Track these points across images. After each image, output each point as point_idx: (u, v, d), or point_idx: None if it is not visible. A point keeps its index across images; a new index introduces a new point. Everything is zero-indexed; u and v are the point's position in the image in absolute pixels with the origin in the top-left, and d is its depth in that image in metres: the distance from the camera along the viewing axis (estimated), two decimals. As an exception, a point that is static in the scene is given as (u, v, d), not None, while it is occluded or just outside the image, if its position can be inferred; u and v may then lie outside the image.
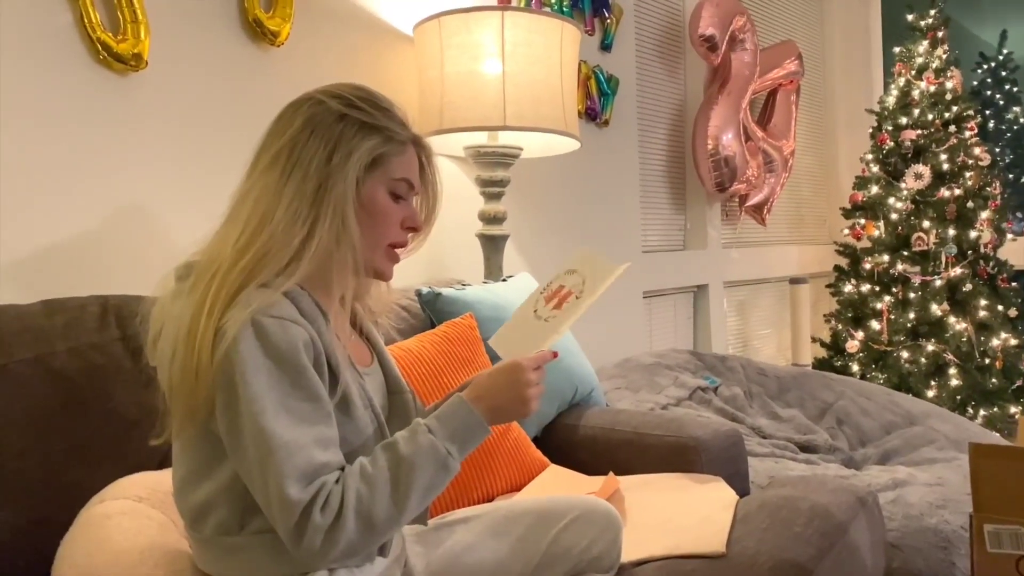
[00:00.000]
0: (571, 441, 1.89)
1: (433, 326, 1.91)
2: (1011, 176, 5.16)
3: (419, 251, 1.22)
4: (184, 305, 0.98)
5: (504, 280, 2.20)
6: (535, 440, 1.89)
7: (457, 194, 2.42)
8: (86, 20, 1.65)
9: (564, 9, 2.82)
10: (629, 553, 1.35)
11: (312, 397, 0.97)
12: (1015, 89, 5.36)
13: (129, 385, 1.34)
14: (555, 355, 1.14)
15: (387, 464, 0.99)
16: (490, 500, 1.64)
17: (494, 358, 1.82)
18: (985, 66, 5.46)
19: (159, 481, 1.28)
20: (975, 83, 5.47)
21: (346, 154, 1.05)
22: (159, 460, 1.36)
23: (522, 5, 2.65)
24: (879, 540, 1.60)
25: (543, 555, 1.24)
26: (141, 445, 1.34)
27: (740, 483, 1.76)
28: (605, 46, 3.06)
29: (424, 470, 1.00)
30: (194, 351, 0.93)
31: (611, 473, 1.63)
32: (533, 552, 1.24)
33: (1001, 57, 5.34)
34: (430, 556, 1.24)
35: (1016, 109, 5.31)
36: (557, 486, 1.66)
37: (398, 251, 1.14)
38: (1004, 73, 5.36)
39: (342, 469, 0.98)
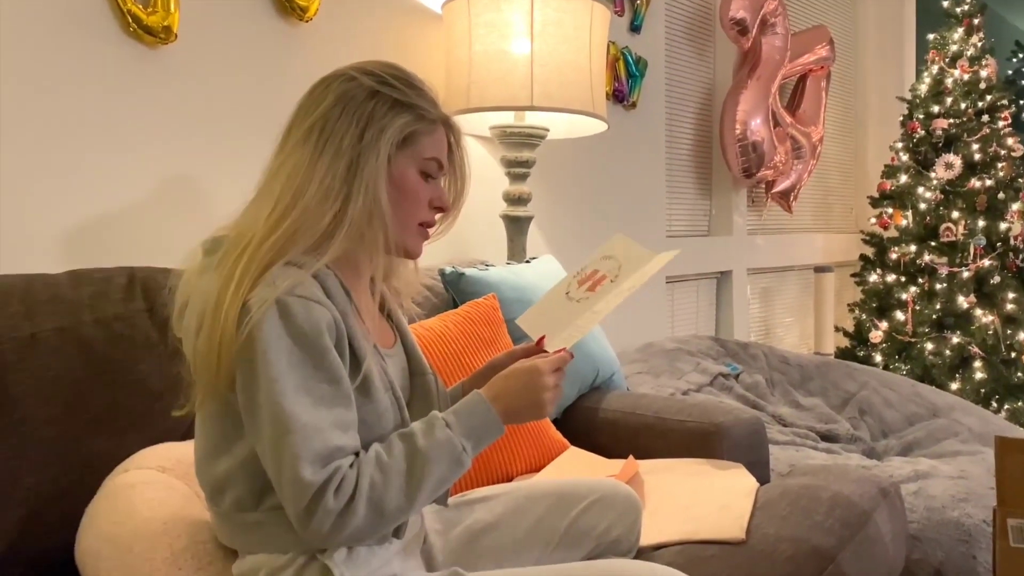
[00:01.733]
0: (592, 424, 1.89)
1: (456, 306, 1.91)
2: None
3: (433, 234, 1.21)
4: (212, 279, 0.98)
5: (527, 262, 2.19)
6: (555, 422, 1.89)
7: (482, 174, 2.41)
8: (116, -9, 1.65)
9: (594, -11, 2.79)
10: (648, 537, 1.34)
11: (332, 379, 0.97)
12: (1051, 79, 5.27)
13: (154, 356, 1.35)
14: (571, 356, 1.13)
15: (403, 454, 0.99)
16: (510, 480, 1.64)
17: (516, 338, 1.82)
18: (1021, 55, 5.36)
19: (183, 452, 1.29)
20: (1010, 72, 5.37)
21: (378, 131, 1.04)
22: (183, 431, 1.37)
23: (552, -16, 2.62)
24: (901, 531, 1.58)
25: (562, 536, 1.24)
26: (165, 416, 1.35)
27: (761, 471, 1.75)
28: (635, 27, 3.03)
29: (438, 464, 1.00)
30: (219, 324, 0.93)
31: (631, 456, 1.63)
32: (552, 533, 1.24)
33: (1038, 46, 5.25)
34: (449, 534, 1.24)
35: (1052, 100, 5.22)
36: (577, 468, 1.66)
37: (429, 229, 1.14)
38: (1040, 63, 5.28)
39: (357, 454, 0.98)
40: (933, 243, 3.94)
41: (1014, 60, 5.37)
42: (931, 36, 4.18)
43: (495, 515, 1.26)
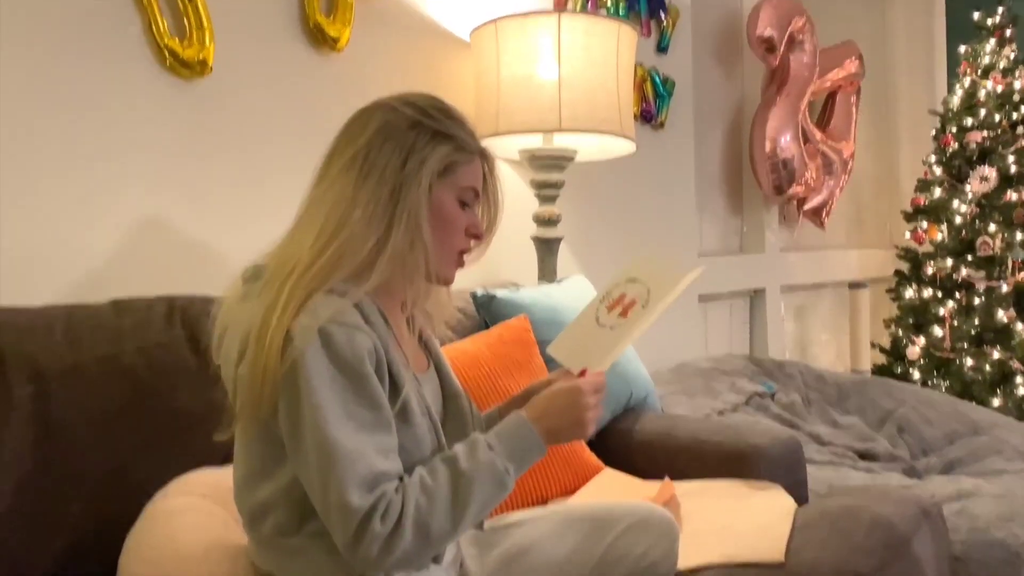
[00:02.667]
0: (627, 446, 1.88)
1: (487, 327, 1.92)
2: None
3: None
4: (254, 306, 1.00)
5: (558, 282, 2.20)
6: (590, 444, 1.88)
7: (512, 196, 2.40)
8: (154, 27, 1.70)
9: (620, 11, 2.81)
10: (685, 560, 1.33)
11: (374, 405, 0.98)
12: (1087, 89, 5.18)
13: (194, 383, 1.38)
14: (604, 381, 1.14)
15: (447, 478, 1.00)
16: (544, 503, 1.64)
17: (549, 361, 1.82)
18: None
19: (222, 477, 1.31)
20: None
21: (420, 161, 1.06)
22: (222, 456, 1.39)
23: (578, 8, 2.65)
24: (944, 553, 1.56)
25: (598, 561, 1.23)
26: (205, 441, 1.36)
27: (799, 491, 1.73)
28: (661, 48, 3.04)
29: (482, 486, 1.01)
30: (263, 350, 0.95)
31: (667, 478, 1.62)
32: (588, 558, 1.23)
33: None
34: (485, 559, 1.24)
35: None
36: (612, 490, 1.65)
37: (464, 256, 1.16)
38: (1075, 72, 5.20)
39: (401, 478, 0.99)
40: (970, 257, 3.87)
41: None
42: (962, 48, 4.14)
43: (530, 540, 1.25)
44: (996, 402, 3.67)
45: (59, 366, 1.28)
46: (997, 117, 3.91)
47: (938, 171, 4.04)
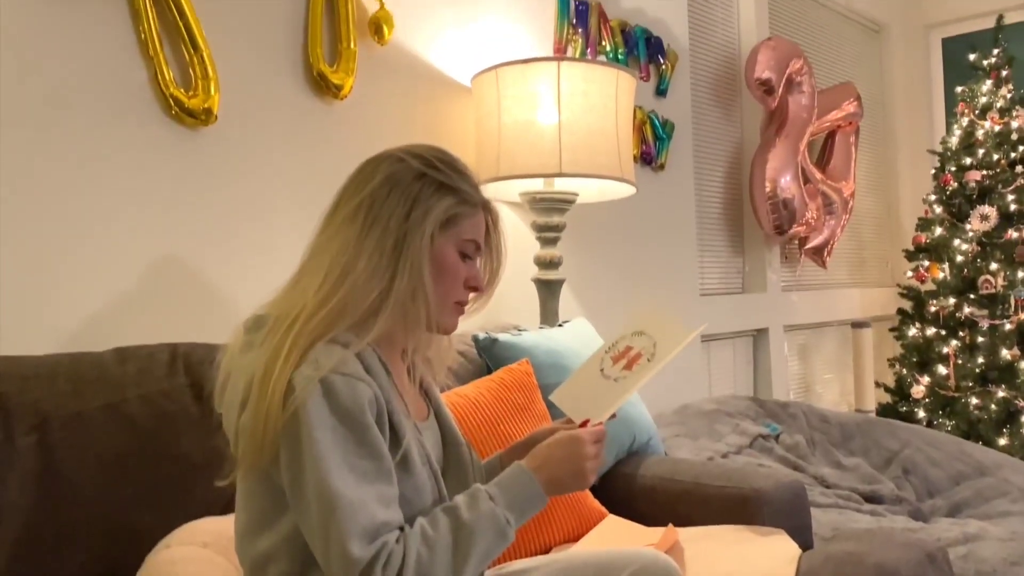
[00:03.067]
0: (630, 491, 1.88)
1: (490, 371, 1.93)
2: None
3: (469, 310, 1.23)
4: (257, 354, 1.01)
5: (560, 325, 2.20)
6: (593, 489, 1.87)
7: (513, 239, 2.43)
8: (160, 77, 1.73)
9: (619, 57, 2.85)
10: (689, 608, 1.33)
11: (375, 455, 0.99)
12: (1084, 127, 5.22)
13: (196, 431, 1.38)
14: (604, 430, 1.14)
15: (448, 528, 1.00)
16: (547, 550, 1.63)
17: (551, 405, 1.82)
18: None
19: (224, 526, 1.31)
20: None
21: (424, 212, 1.08)
22: (224, 505, 1.39)
23: (577, 55, 2.69)
24: (950, 598, 1.54)
25: (602, 608, 1.22)
26: (207, 490, 1.36)
27: (803, 536, 1.72)
28: (660, 91, 3.08)
29: (484, 537, 1.01)
30: (266, 398, 0.96)
31: (670, 525, 1.61)
32: (591, 606, 1.22)
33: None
34: (487, 607, 1.24)
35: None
36: (615, 537, 1.64)
37: (463, 307, 1.16)
38: (1072, 111, 5.25)
39: (402, 528, 0.99)
40: (972, 295, 3.88)
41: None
42: (959, 89, 4.19)
43: (533, 588, 1.25)
44: (1002, 441, 3.66)
45: (62, 414, 1.28)
46: (995, 156, 3.94)
47: (938, 210, 4.07)
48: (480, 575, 1.18)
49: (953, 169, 4.04)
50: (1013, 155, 3.94)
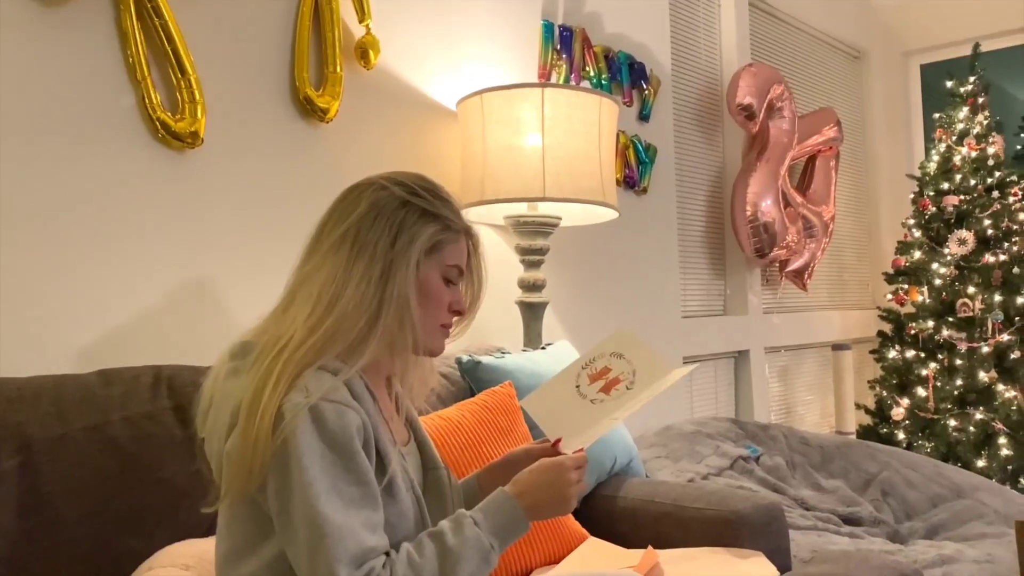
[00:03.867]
0: (610, 513, 1.89)
1: (473, 394, 1.94)
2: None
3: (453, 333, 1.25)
4: (244, 381, 1.02)
5: (543, 348, 2.22)
6: (574, 511, 1.88)
7: (497, 262, 2.46)
8: (147, 101, 1.74)
9: (603, 82, 2.89)
10: (668, 630, 1.34)
11: (362, 481, 1.00)
12: (1059, 154, 5.32)
13: (180, 454, 1.39)
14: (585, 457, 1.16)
15: (434, 554, 1.02)
16: (528, 573, 1.64)
17: (533, 428, 1.84)
18: (1028, 130, 5.44)
19: (205, 549, 1.31)
20: (1019, 147, 5.44)
21: (409, 239, 1.10)
22: (206, 528, 1.39)
23: (562, 80, 2.73)
24: (925, 620, 1.56)
25: (582, 631, 1.24)
26: (190, 512, 1.38)
27: (782, 558, 1.74)
28: (643, 116, 3.12)
29: (468, 562, 1.02)
30: (255, 424, 0.97)
31: (650, 547, 1.63)
32: (572, 628, 1.24)
33: (1045, 121, 5.33)
34: (469, 631, 1.24)
35: (1062, 173, 5.27)
36: (596, 559, 1.66)
37: (448, 331, 1.18)
38: (1048, 137, 5.35)
39: (388, 553, 1.00)
40: (951, 319, 3.94)
41: (1023, 135, 5.44)
42: (937, 115, 4.26)
43: (514, 610, 1.26)
44: (980, 463, 3.70)
45: (46, 436, 1.29)
46: (972, 181, 4.01)
47: (917, 233, 4.13)
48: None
49: (931, 194, 4.11)
50: (990, 180, 4.01)
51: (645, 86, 3.11)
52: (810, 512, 2.34)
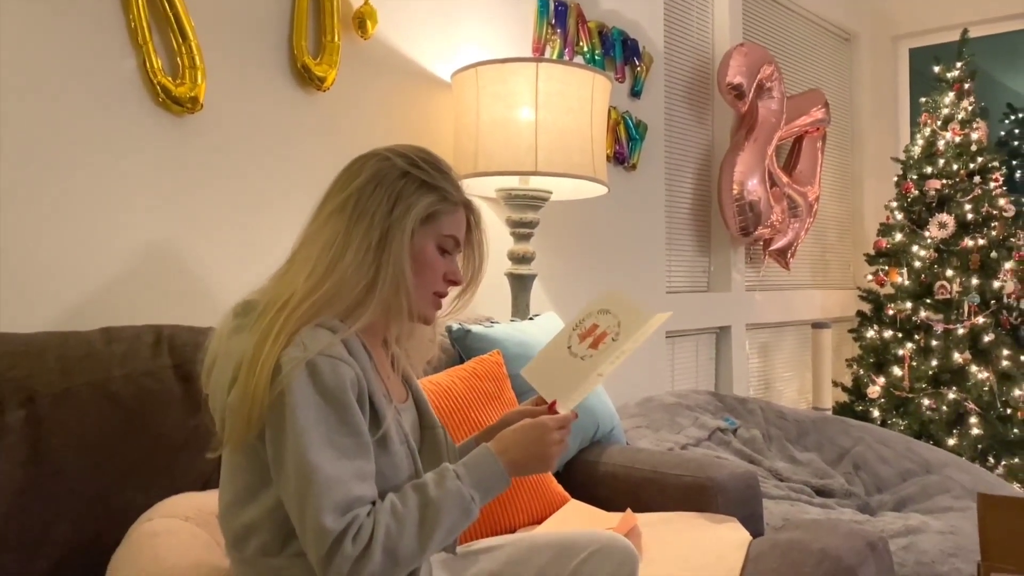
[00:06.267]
0: (592, 477, 1.96)
1: (462, 361, 1.99)
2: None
3: (453, 307, 1.29)
4: (246, 337, 1.07)
5: (531, 319, 2.28)
6: (557, 475, 1.95)
7: (487, 234, 2.51)
8: (148, 65, 1.77)
9: (596, 58, 2.92)
10: (644, 587, 1.41)
11: (354, 432, 1.05)
12: (1043, 141, 5.40)
13: (178, 410, 1.44)
14: (575, 416, 1.22)
15: (416, 504, 1.07)
16: (512, 532, 1.70)
17: (520, 395, 1.90)
18: (1013, 117, 5.51)
19: (203, 502, 1.37)
20: (1003, 133, 5.51)
21: (406, 208, 1.14)
22: (203, 482, 1.45)
23: (555, 55, 2.76)
24: (888, 585, 1.64)
25: (563, 586, 1.30)
26: (188, 467, 1.44)
27: (755, 524, 1.81)
28: (635, 93, 3.16)
29: (449, 513, 1.08)
30: (254, 377, 1.02)
31: (629, 510, 1.70)
32: (553, 583, 1.30)
33: (1029, 109, 5.40)
34: (455, 583, 1.31)
35: (1044, 161, 5.35)
36: (577, 520, 1.72)
37: (442, 299, 1.23)
38: (1032, 125, 5.42)
39: (374, 503, 1.06)
40: (928, 300, 4.02)
41: (1006, 121, 5.51)
42: (923, 99, 4.32)
43: (499, 564, 1.32)
44: (952, 441, 3.80)
45: (50, 391, 1.33)
46: (955, 167, 4.08)
47: (899, 216, 4.20)
48: (452, 549, 1.25)
49: (915, 177, 4.17)
50: (972, 166, 4.08)
51: (638, 63, 3.15)
52: (784, 483, 2.42)
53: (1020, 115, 5.47)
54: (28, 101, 1.59)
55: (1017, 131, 5.49)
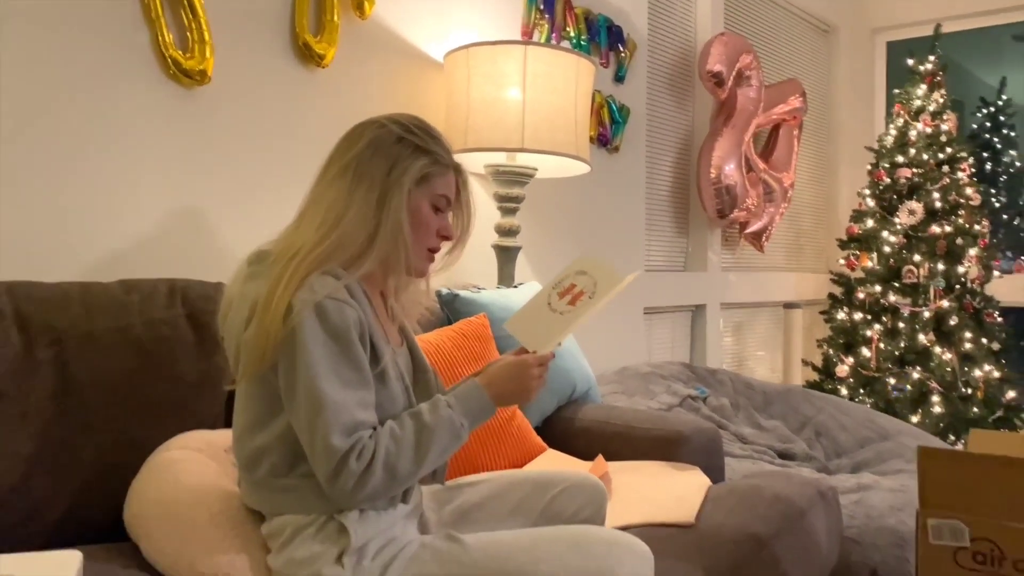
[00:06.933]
0: (569, 431, 2.11)
1: (451, 323, 2.14)
2: (1005, 217, 5.37)
3: (445, 261, 1.43)
4: (260, 282, 1.21)
5: (515, 287, 2.42)
6: (536, 429, 2.10)
7: (476, 208, 2.64)
8: (160, 39, 1.89)
9: (582, 43, 3.06)
10: (612, 520, 1.56)
11: (357, 367, 1.20)
12: (1012, 134, 5.58)
13: (191, 355, 1.57)
14: (553, 356, 1.37)
15: (412, 429, 1.22)
16: (494, 476, 1.85)
17: (502, 347, 2.04)
18: (985, 110, 5.69)
19: (214, 438, 1.51)
20: (975, 126, 5.69)
21: (402, 171, 1.28)
22: (212, 421, 1.59)
23: (543, 40, 2.89)
24: (835, 529, 1.80)
25: (538, 516, 1.45)
26: (199, 406, 1.57)
27: (716, 475, 1.97)
28: (619, 78, 3.30)
29: (441, 437, 1.23)
30: (269, 315, 1.16)
31: (600, 456, 1.85)
32: (530, 513, 1.45)
33: (1000, 103, 5.56)
34: (442, 511, 1.46)
35: (1013, 153, 5.53)
36: (553, 466, 1.87)
37: (435, 254, 1.37)
38: (1003, 118, 5.59)
39: (375, 428, 1.20)
40: (896, 284, 4.19)
41: (978, 115, 5.68)
42: (896, 91, 4.47)
43: (482, 496, 1.47)
44: (915, 419, 3.97)
45: (76, 333, 1.46)
46: (925, 156, 4.24)
47: (871, 203, 4.36)
48: (441, 481, 1.40)
49: (887, 166, 4.34)
50: (941, 156, 4.24)
51: (622, 49, 3.28)
52: (748, 446, 2.58)
53: (991, 109, 5.65)
54: (51, 72, 1.71)
55: (989, 124, 5.67)
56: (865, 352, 4.20)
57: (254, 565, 1.22)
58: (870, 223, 4.33)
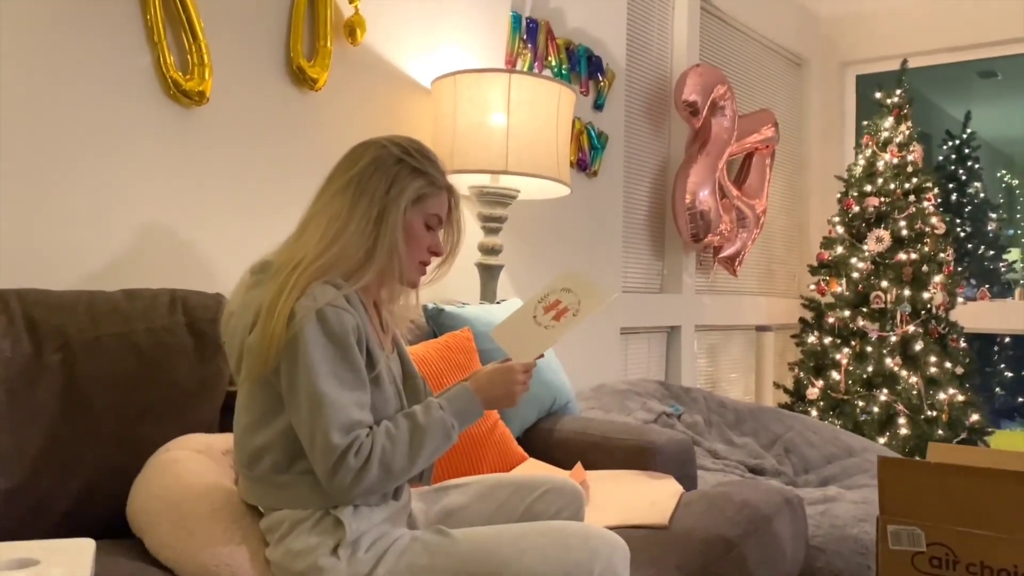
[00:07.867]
0: (548, 442, 2.20)
1: (436, 336, 2.22)
2: (969, 246, 5.56)
3: (434, 275, 1.52)
4: (263, 290, 1.29)
5: (497, 303, 2.51)
6: (517, 440, 2.19)
7: (466, 226, 2.74)
8: (162, 61, 1.97)
9: (563, 72, 3.18)
10: (590, 522, 1.64)
11: (355, 369, 1.28)
12: (976, 166, 5.79)
13: (190, 361, 1.64)
14: (535, 365, 1.46)
15: (406, 428, 1.30)
16: (477, 483, 1.93)
17: (485, 359, 2.13)
18: (950, 143, 5.89)
19: (212, 440, 1.58)
20: (941, 158, 5.89)
21: (400, 190, 1.37)
22: (209, 424, 1.66)
23: (526, 68, 3.01)
24: (800, 535, 1.90)
25: (520, 517, 1.53)
26: (197, 410, 1.65)
27: (689, 484, 2.06)
28: (598, 106, 3.42)
29: (433, 436, 1.31)
30: (272, 321, 1.24)
31: (579, 464, 1.93)
32: (512, 514, 1.53)
33: (965, 135, 5.78)
34: (429, 511, 1.54)
35: (977, 184, 5.73)
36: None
37: (426, 267, 1.46)
38: (967, 151, 5.81)
39: (371, 427, 1.29)
40: (865, 309, 4.32)
41: (944, 147, 5.89)
42: (865, 122, 4.64)
43: (467, 497, 1.55)
44: (881, 441, 4.09)
45: (82, 338, 1.53)
46: (892, 186, 4.39)
47: (841, 230, 4.50)
48: (429, 482, 1.48)
49: (855, 194, 4.48)
50: (907, 185, 4.39)
51: (601, 78, 3.41)
52: (720, 461, 2.68)
53: (957, 142, 5.85)
54: (56, 91, 1.79)
55: (954, 156, 5.87)
56: (835, 375, 4.32)
57: (253, 557, 1.30)
58: (840, 250, 4.46)
